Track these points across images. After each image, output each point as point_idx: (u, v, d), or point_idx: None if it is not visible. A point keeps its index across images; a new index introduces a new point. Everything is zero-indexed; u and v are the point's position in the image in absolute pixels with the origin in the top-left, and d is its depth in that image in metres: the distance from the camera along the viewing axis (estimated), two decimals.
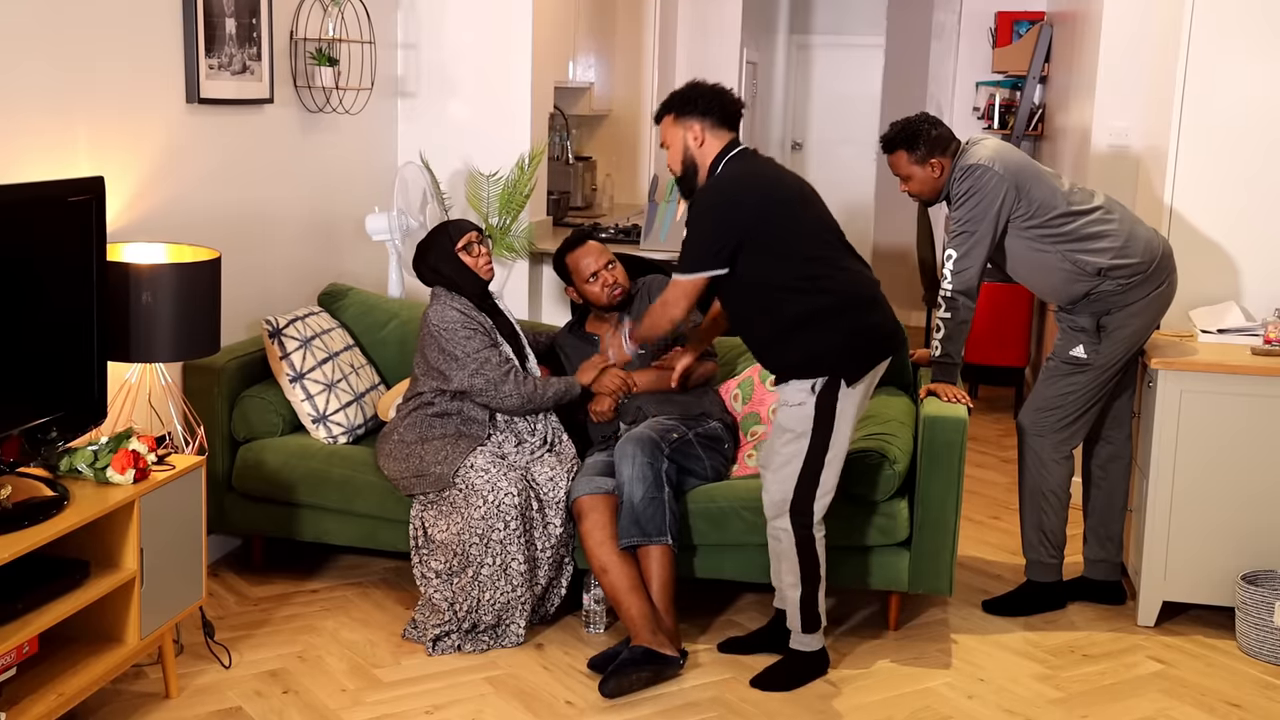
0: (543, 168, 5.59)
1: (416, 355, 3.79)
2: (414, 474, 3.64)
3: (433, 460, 3.62)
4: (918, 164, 3.74)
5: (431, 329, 3.70)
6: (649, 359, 3.96)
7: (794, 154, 11.11)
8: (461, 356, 3.66)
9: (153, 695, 3.24)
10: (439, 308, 3.73)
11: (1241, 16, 3.92)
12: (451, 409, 3.71)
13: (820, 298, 3.25)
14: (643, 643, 3.39)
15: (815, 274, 3.26)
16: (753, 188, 3.29)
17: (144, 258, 3.33)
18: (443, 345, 3.68)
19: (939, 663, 3.58)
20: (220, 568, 4.10)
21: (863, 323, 3.29)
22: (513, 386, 3.66)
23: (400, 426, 3.74)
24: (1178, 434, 3.73)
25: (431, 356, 3.71)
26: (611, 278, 3.93)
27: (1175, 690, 3.45)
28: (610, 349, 3.99)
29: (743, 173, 3.34)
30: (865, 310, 3.31)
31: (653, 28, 7.57)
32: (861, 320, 3.29)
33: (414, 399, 3.76)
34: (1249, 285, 4.04)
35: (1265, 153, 3.96)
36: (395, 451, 3.70)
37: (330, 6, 4.56)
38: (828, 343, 3.24)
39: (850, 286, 3.30)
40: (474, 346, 3.66)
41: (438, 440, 3.66)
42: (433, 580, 3.58)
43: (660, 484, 3.53)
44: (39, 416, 2.91)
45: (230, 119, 4.11)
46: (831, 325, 3.25)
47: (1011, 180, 3.65)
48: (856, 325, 3.28)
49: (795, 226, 3.28)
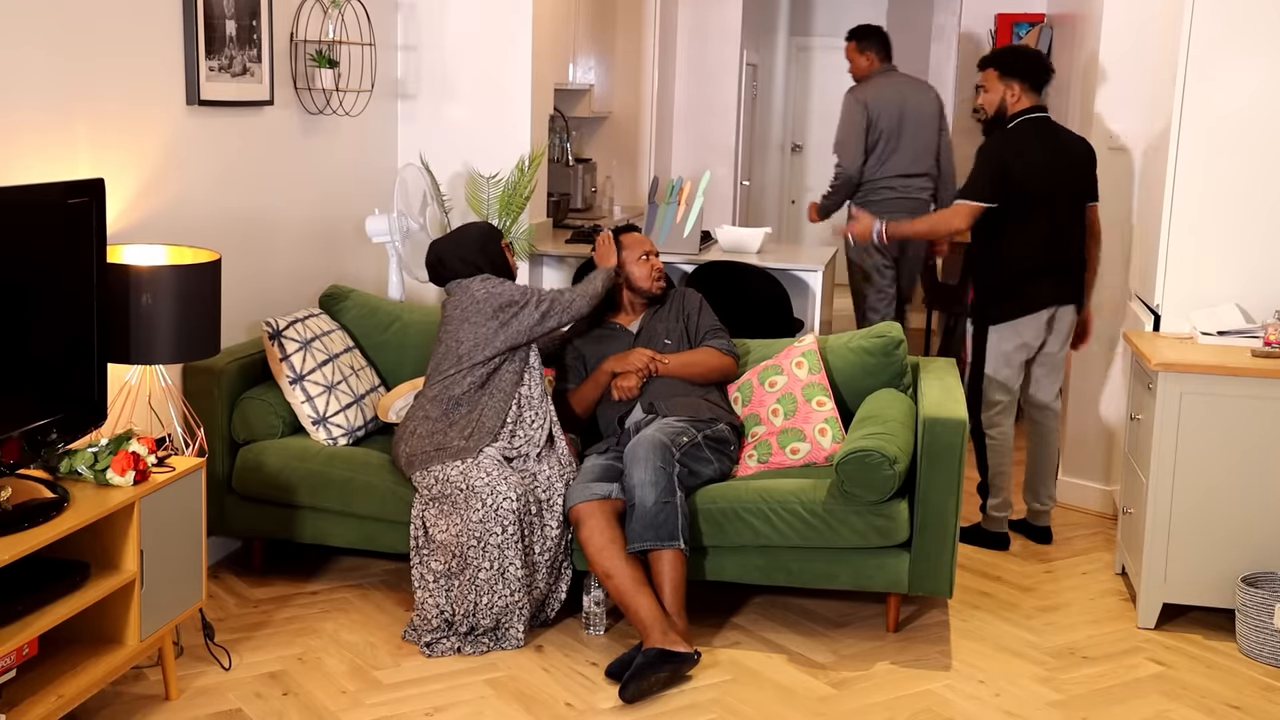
0: (543, 170, 5.60)
1: (444, 340, 3.80)
2: (435, 447, 3.66)
3: (457, 435, 3.67)
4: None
5: (479, 298, 3.78)
6: (675, 350, 4.05)
7: (794, 156, 11.11)
8: (520, 298, 3.80)
9: (153, 697, 3.24)
10: (478, 282, 3.83)
11: (1241, 16, 3.92)
12: (487, 382, 3.76)
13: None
14: (655, 644, 3.39)
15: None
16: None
17: (144, 260, 3.34)
18: (498, 303, 3.77)
19: (939, 664, 3.58)
20: (220, 569, 4.10)
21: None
22: (570, 294, 3.87)
23: (426, 405, 3.76)
24: (1178, 436, 3.73)
25: (487, 323, 3.76)
26: (659, 267, 4.15)
27: (1175, 692, 3.45)
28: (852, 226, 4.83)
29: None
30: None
31: (653, 30, 7.57)
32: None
33: (443, 380, 3.77)
34: (1249, 286, 4.04)
35: (1265, 153, 3.96)
36: (419, 429, 3.72)
37: (330, 8, 4.57)
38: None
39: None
40: (520, 289, 3.83)
41: (463, 421, 3.69)
42: (430, 583, 3.58)
43: (672, 488, 3.54)
44: (39, 418, 2.91)
45: (230, 121, 4.11)
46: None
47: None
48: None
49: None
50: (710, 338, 4.10)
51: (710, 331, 4.12)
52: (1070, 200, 4.38)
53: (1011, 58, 4.42)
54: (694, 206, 5.30)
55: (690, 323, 4.12)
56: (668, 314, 4.14)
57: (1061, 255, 4.38)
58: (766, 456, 3.86)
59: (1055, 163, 4.33)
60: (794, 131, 11.10)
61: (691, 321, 4.13)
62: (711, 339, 4.10)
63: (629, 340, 4.10)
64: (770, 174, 10.76)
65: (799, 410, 3.89)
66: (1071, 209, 4.39)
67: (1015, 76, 4.36)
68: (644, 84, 7.62)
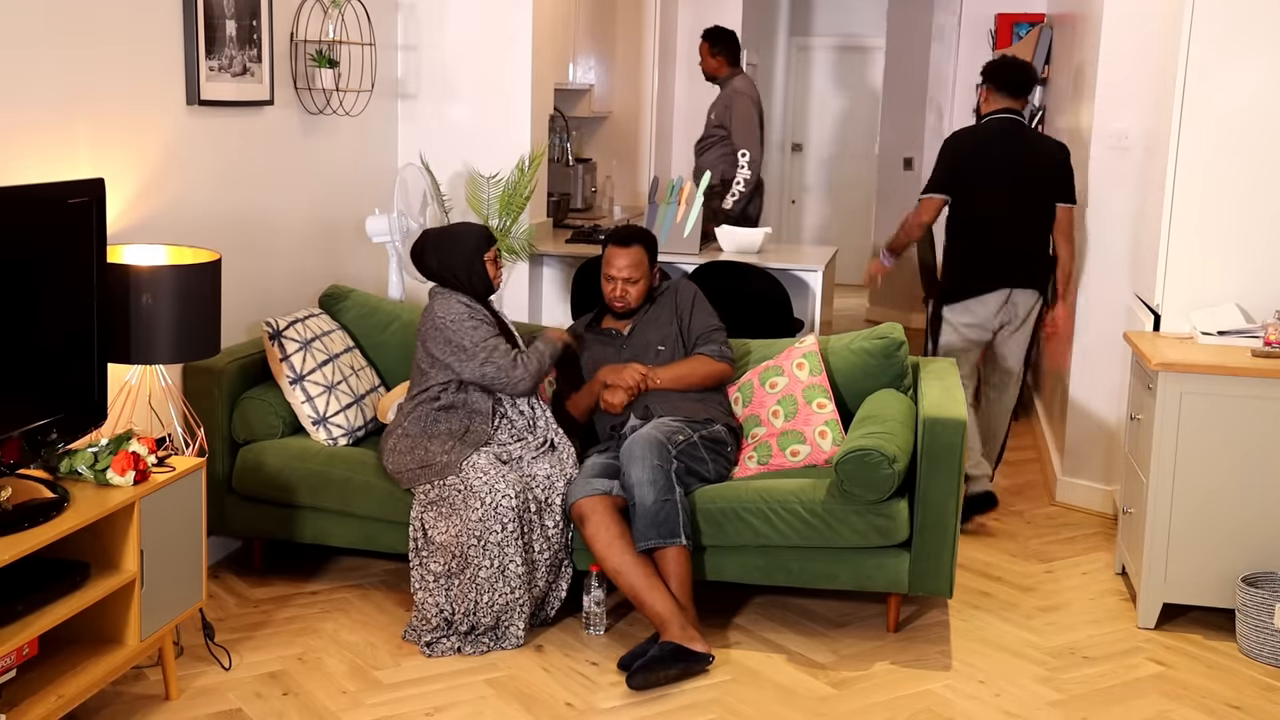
0: (543, 169, 5.60)
1: (418, 351, 3.80)
2: (419, 465, 3.65)
3: (438, 451, 3.65)
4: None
5: (438, 323, 3.72)
6: (669, 357, 4.00)
7: (794, 156, 11.12)
8: (470, 347, 3.70)
9: (153, 697, 3.24)
10: (444, 302, 3.76)
11: (1241, 16, 3.92)
12: (457, 401, 3.73)
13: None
14: (673, 638, 3.39)
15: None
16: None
17: (144, 259, 3.34)
18: (449, 337, 3.71)
19: (939, 664, 3.58)
20: (220, 569, 4.10)
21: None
22: (522, 371, 3.74)
23: (405, 421, 3.75)
24: (1178, 436, 3.73)
25: (438, 350, 3.72)
26: (624, 290, 4.02)
27: (1175, 692, 3.45)
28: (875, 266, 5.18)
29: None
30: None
31: (653, 30, 7.57)
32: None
33: (418, 395, 3.77)
34: (1249, 286, 4.04)
35: (1265, 153, 3.96)
36: (399, 445, 3.71)
37: (330, 8, 4.57)
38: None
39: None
40: (481, 336, 3.72)
41: (443, 436, 3.68)
42: (430, 584, 3.58)
43: (671, 485, 3.54)
44: (39, 418, 2.91)
45: (231, 121, 4.11)
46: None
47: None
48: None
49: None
50: (703, 343, 4.03)
51: (703, 335, 4.05)
52: (1029, 195, 4.66)
53: (988, 65, 4.88)
54: (694, 206, 5.30)
55: (684, 323, 4.07)
56: (660, 315, 4.08)
57: (1016, 243, 4.68)
58: (766, 458, 3.86)
59: (1017, 160, 4.64)
60: (794, 131, 11.10)
61: (685, 321, 4.07)
62: (704, 344, 4.03)
63: (621, 343, 4.08)
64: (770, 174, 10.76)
65: (799, 412, 3.89)
66: (1030, 204, 4.67)
67: (987, 81, 4.81)
68: (644, 84, 7.62)
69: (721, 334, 4.09)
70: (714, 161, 6.21)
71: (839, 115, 10.96)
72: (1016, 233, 4.66)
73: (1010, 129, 4.69)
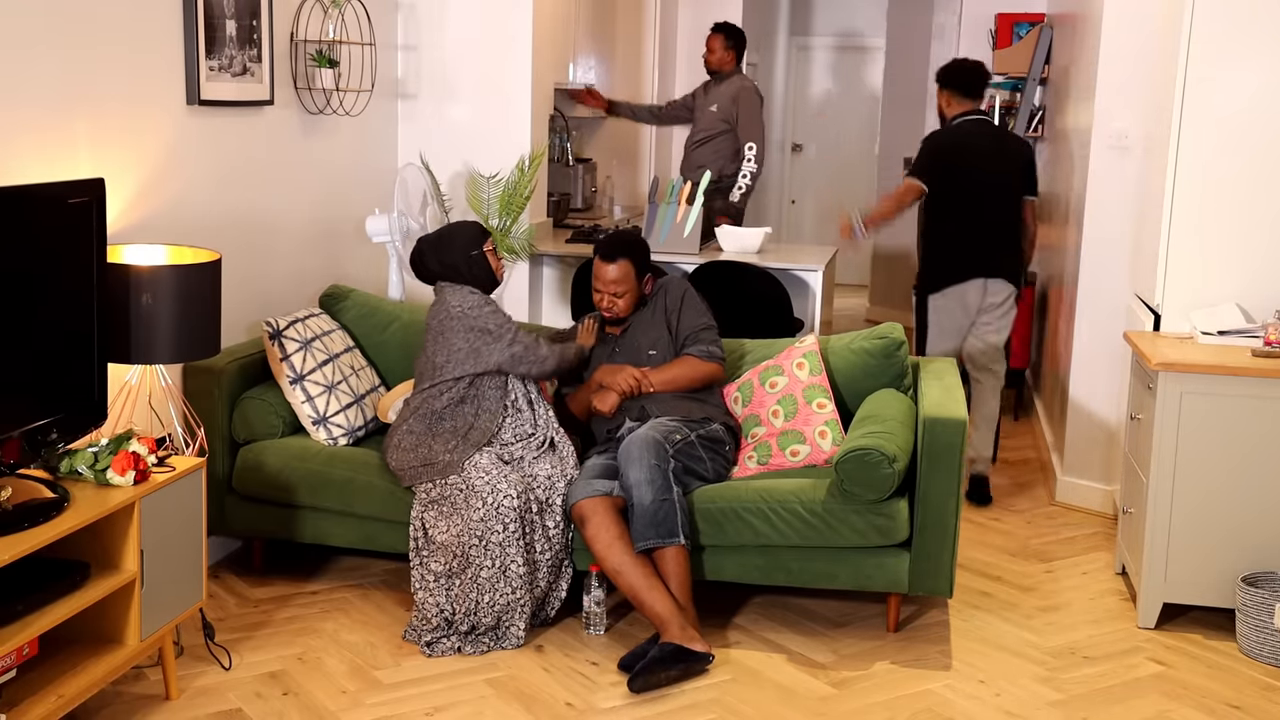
0: (543, 169, 5.60)
1: (426, 349, 3.80)
2: (421, 463, 3.65)
3: (441, 450, 3.65)
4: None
5: (454, 314, 3.74)
6: (661, 360, 3.99)
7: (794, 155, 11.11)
8: (495, 329, 3.75)
9: (153, 697, 3.24)
10: (456, 293, 3.79)
11: (1241, 16, 3.92)
12: (468, 395, 3.73)
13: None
14: (673, 639, 3.39)
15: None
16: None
17: (144, 259, 3.34)
18: (472, 324, 3.73)
19: (939, 664, 3.58)
20: (220, 569, 4.10)
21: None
22: (547, 350, 3.82)
23: (410, 418, 3.75)
24: (1178, 436, 3.73)
25: (460, 340, 3.73)
26: (612, 302, 3.99)
27: (1175, 692, 3.45)
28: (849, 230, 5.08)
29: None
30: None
31: (653, 30, 7.57)
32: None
33: (426, 389, 3.77)
34: (1249, 286, 4.04)
35: (1266, 153, 3.95)
36: (404, 442, 3.71)
37: (330, 8, 4.57)
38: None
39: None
40: (502, 319, 3.78)
41: (447, 434, 3.68)
42: (430, 583, 3.58)
43: (669, 485, 3.54)
44: (39, 418, 2.91)
45: (231, 121, 4.11)
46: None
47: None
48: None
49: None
50: (690, 343, 3.97)
51: (691, 335, 3.98)
52: (999, 190, 4.98)
53: (943, 70, 5.14)
54: (694, 206, 5.30)
55: (673, 324, 4.02)
56: (651, 317, 4.04)
57: (989, 235, 4.97)
58: (766, 458, 3.86)
59: (987, 157, 4.95)
60: (794, 131, 11.10)
61: (673, 322, 4.02)
62: (691, 345, 3.97)
63: (614, 346, 4.07)
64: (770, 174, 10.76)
65: (799, 412, 3.89)
66: (1000, 198, 4.99)
67: (946, 87, 5.08)
68: (644, 84, 7.62)
69: (710, 332, 4.01)
70: (711, 156, 6.19)
71: (839, 115, 10.95)
72: (991, 225, 4.97)
73: (983, 129, 5.03)
